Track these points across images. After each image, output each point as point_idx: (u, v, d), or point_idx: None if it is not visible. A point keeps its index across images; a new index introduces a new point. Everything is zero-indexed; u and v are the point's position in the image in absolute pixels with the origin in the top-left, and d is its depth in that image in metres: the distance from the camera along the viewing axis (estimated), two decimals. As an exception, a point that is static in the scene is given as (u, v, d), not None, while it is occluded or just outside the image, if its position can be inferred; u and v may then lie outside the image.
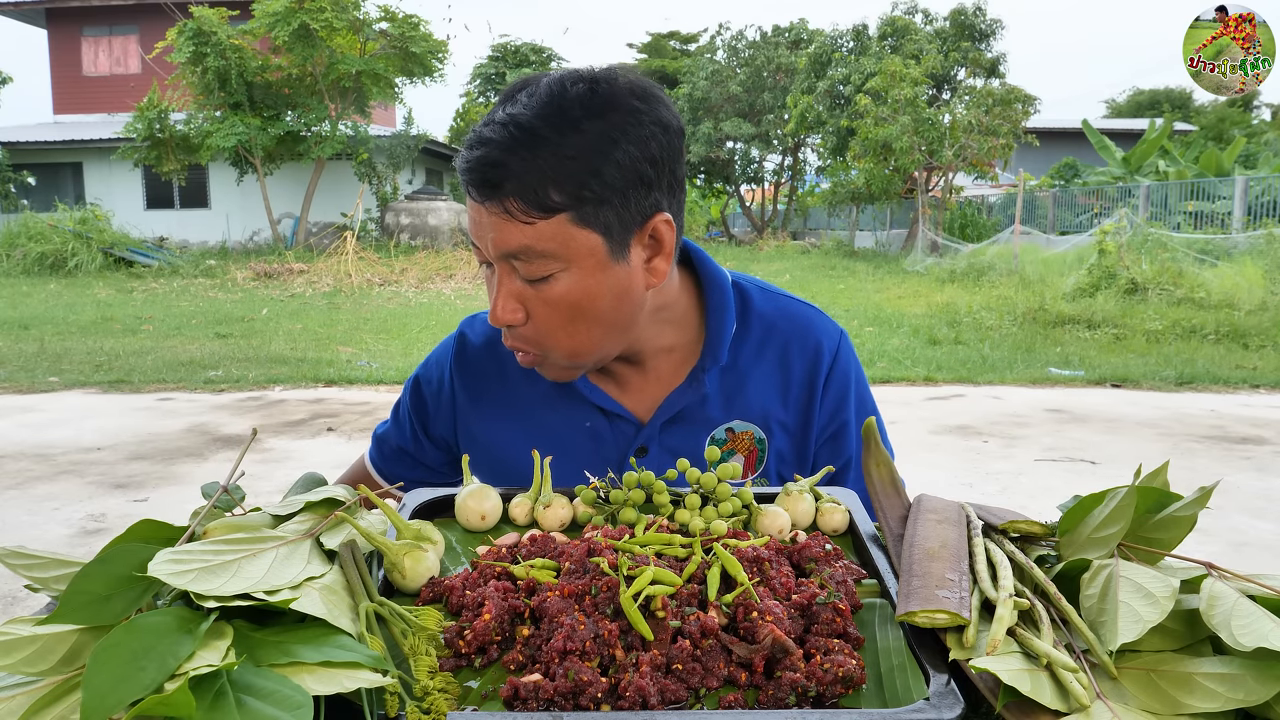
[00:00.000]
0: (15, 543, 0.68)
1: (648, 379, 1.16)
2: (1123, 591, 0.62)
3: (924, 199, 19.72)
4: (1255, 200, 14.99)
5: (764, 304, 1.20)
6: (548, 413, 1.17)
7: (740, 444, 1.16)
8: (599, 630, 0.62)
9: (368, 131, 19.93)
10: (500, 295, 0.99)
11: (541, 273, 0.97)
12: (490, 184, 0.94)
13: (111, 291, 13.90)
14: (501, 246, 0.96)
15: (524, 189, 0.93)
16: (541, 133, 0.94)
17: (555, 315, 1.00)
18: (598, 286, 0.99)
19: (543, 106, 0.95)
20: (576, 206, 0.95)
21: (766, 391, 1.17)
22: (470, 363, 1.23)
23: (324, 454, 5.33)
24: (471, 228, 1.00)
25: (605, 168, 0.95)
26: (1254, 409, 6.51)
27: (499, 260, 0.98)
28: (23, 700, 0.54)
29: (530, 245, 0.95)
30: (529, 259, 0.96)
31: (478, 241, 0.99)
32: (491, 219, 0.96)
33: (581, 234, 0.96)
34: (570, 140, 0.94)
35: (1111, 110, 40.39)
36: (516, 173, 0.93)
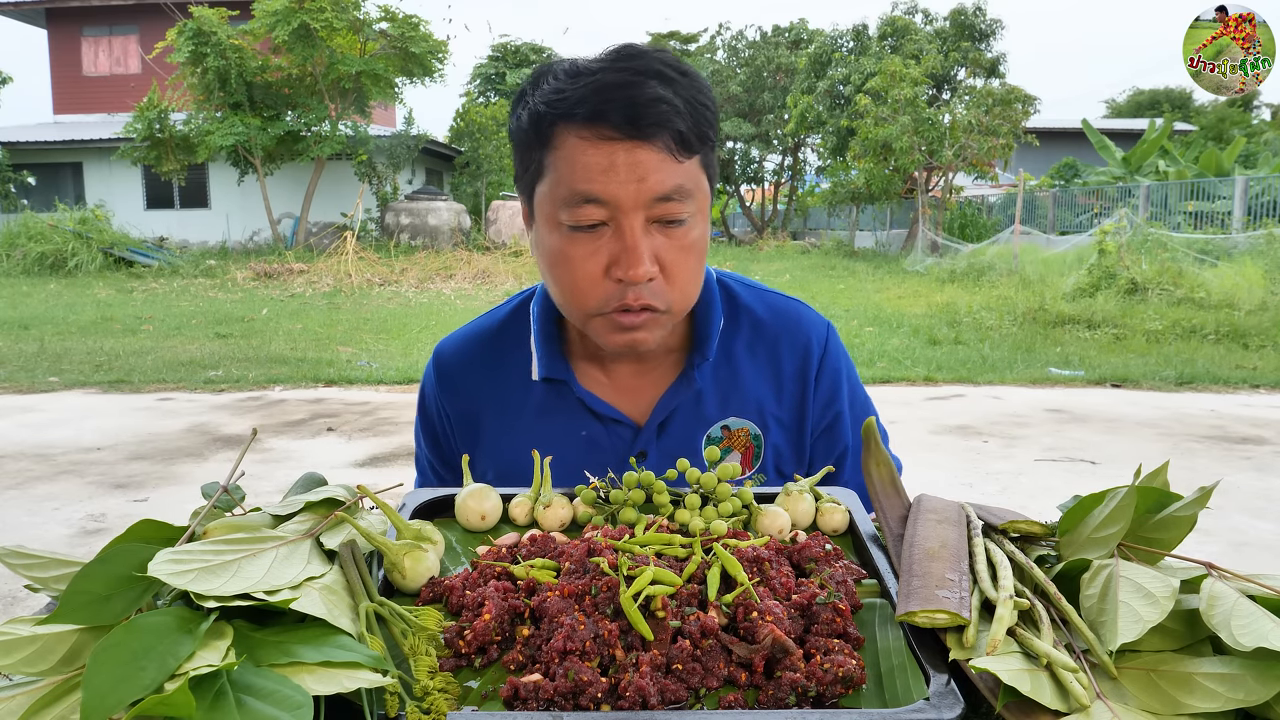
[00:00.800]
0: (15, 543, 0.68)
1: (641, 382, 1.16)
2: (1123, 591, 0.62)
3: (924, 199, 19.72)
4: (1255, 200, 14.99)
5: (751, 300, 1.20)
6: (542, 425, 1.16)
7: (737, 441, 1.16)
8: (599, 630, 0.62)
9: (368, 131, 19.92)
10: (641, 247, 0.96)
11: (683, 214, 0.97)
12: (654, 120, 0.92)
13: (111, 291, 13.90)
14: (659, 188, 0.94)
15: (681, 125, 0.94)
16: (675, 77, 0.95)
17: (687, 262, 1.00)
18: (706, 234, 1.03)
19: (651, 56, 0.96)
20: (703, 150, 0.98)
21: (760, 387, 1.17)
22: (455, 386, 1.22)
23: (324, 454, 5.33)
24: (603, 176, 0.94)
25: (717, 119, 1.00)
26: (1254, 409, 6.51)
27: (642, 207, 0.95)
28: (23, 700, 0.54)
29: (682, 184, 0.96)
30: (680, 198, 0.96)
31: (612, 192, 0.94)
32: (651, 157, 0.93)
33: (703, 179, 1.00)
34: (699, 86, 0.97)
35: (1111, 110, 40.39)
36: (675, 109, 0.93)
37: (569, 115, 0.95)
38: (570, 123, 0.95)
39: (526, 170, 1.03)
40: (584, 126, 0.94)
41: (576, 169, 0.95)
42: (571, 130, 0.95)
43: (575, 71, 0.96)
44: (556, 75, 0.98)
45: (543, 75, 1.00)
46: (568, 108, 0.94)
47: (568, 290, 1.02)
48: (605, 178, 0.94)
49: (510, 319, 1.22)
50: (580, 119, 0.94)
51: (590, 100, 0.93)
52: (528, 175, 1.03)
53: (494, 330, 1.22)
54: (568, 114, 0.95)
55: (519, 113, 1.02)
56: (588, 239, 0.97)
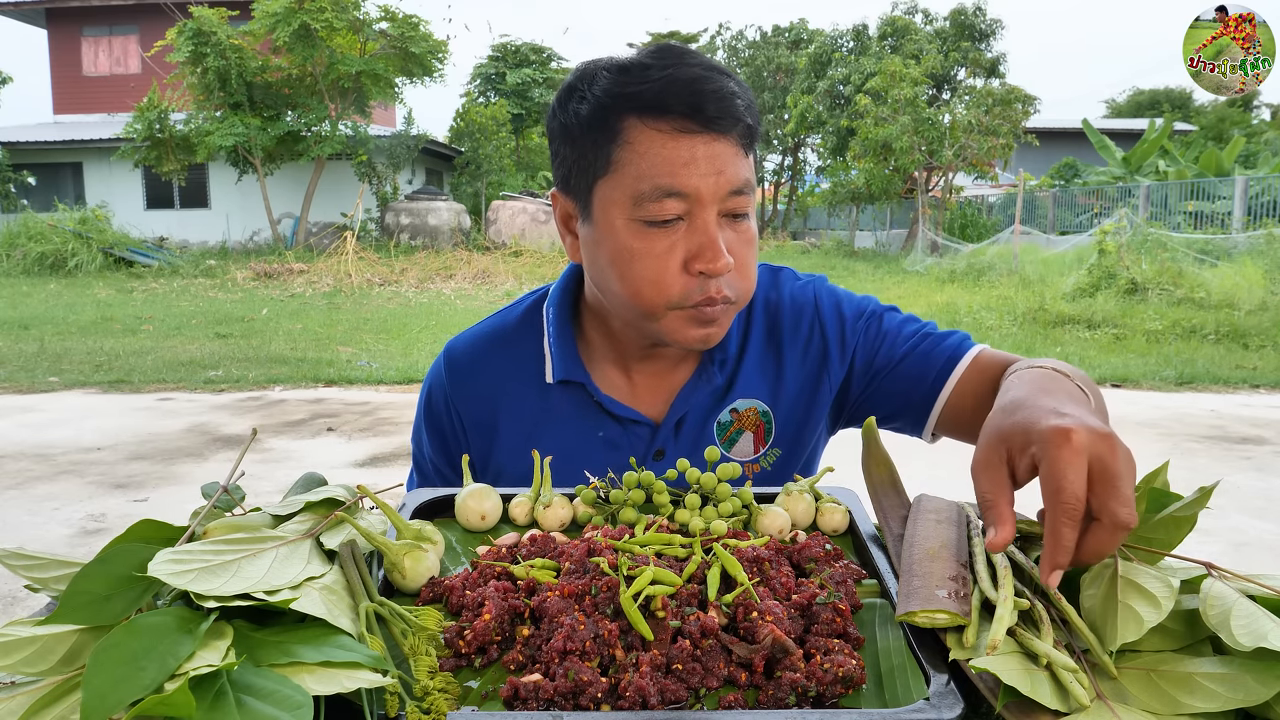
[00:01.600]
0: (15, 543, 0.68)
1: (659, 380, 1.15)
2: (1123, 592, 0.62)
3: (924, 199, 19.73)
4: (1255, 200, 14.99)
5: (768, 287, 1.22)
6: (559, 427, 1.15)
7: (746, 421, 1.15)
8: (599, 630, 0.62)
9: (368, 131, 19.93)
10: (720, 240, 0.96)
11: (747, 208, 0.99)
12: (733, 114, 0.94)
13: (111, 291, 13.90)
14: (734, 180, 0.96)
15: (749, 120, 0.96)
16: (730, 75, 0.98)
17: (751, 255, 1.02)
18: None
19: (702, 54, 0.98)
20: (754, 147, 1.01)
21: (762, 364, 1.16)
22: (467, 386, 1.19)
23: (324, 454, 5.33)
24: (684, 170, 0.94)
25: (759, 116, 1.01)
26: (1254, 409, 6.51)
27: (719, 200, 0.96)
28: (23, 700, 0.54)
29: (749, 178, 0.98)
30: (748, 192, 0.98)
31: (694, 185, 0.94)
32: (727, 150, 0.95)
33: (753, 174, 1.01)
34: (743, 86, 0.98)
35: (1111, 110, 40.39)
36: (745, 104, 0.96)
37: (644, 109, 0.94)
38: (645, 116, 0.94)
39: (584, 166, 1.00)
40: (660, 120, 0.94)
41: (657, 162, 0.94)
42: (646, 123, 0.94)
43: (639, 66, 0.96)
44: (612, 71, 0.97)
45: (595, 72, 0.99)
46: (643, 101, 0.94)
47: (645, 285, 0.98)
48: (687, 171, 0.94)
49: (523, 320, 1.20)
50: (657, 112, 0.94)
51: (667, 93, 0.93)
52: (586, 171, 1.00)
53: (507, 331, 1.20)
54: (642, 108, 0.94)
55: (573, 108, 0.99)
56: (664, 234, 0.96)
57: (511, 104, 25.00)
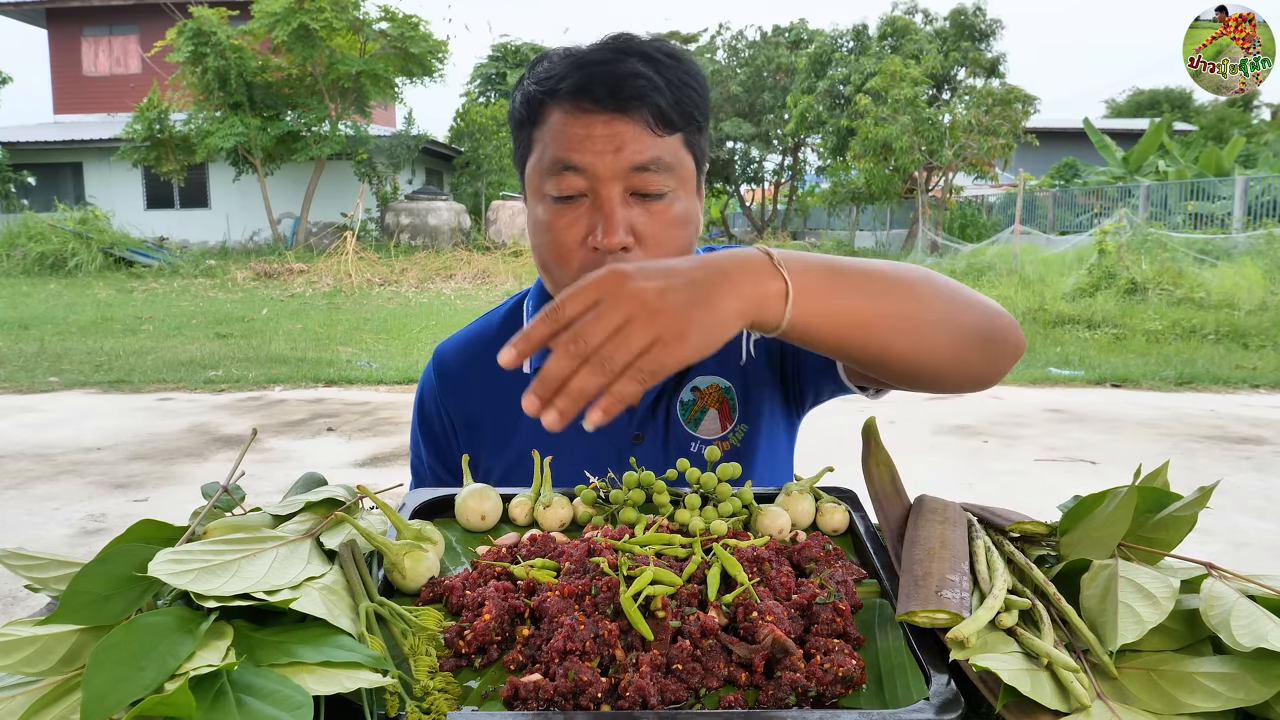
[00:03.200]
0: (15, 543, 0.68)
1: None
2: (1123, 592, 0.62)
3: (924, 199, 19.72)
4: (1255, 200, 14.98)
5: None
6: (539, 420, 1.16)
7: (709, 399, 1.17)
8: (599, 630, 0.62)
9: (368, 131, 19.92)
10: (616, 217, 0.98)
11: (662, 188, 1.00)
12: (632, 94, 0.97)
13: (111, 291, 13.89)
14: (635, 158, 0.97)
15: (661, 101, 0.98)
16: (661, 58, 1.00)
17: (667, 234, 1.01)
18: (694, 212, 1.05)
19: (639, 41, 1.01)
20: (686, 130, 1.01)
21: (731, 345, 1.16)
22: (455, 388, 1.23)
23: (324, 454, 5.33)
24: (581, 146, 0.98)
25: (705, 101, 1.03)
26: (1254, 409, 6.51)
27: (619, 177, 0.98)
28: (23, 700, 0.54)
29: (660, 156, 0.99)
30: (657, 170, 0.99)
31: (589, 162, 0.98)
32: (628, 128, 0.97)
33: (687, 158, 1.03)
34: (685, 69, 1.01)
35: (1111, 110, 40.38)
36: (655, 85, 0.98)
37: (554, 92, 1.00)
38: (556, 99, 1.00)
39: (520, 151, 1.07)
40: (568, 101, 0.99)
41: (559, 140, 0.99)
42: (558, 106, 1.00)
43: (566, 54, 1.02)
44: (550, 59, 1.03)
45: (539, 61, 1.05)
46: (554, 84, 1.00)
47: (550, 258, 1.04)
48: (583, 147, 0.98)
49: (507, 319, 1.24)
50: (564, 94, 0.99)
51: (573, 76, 0.98)
52: (520, 153, 1.07)
53: (492, 331, 1.24)
54: (553, 90, 1.00)
55: (515, 95, 1.07)
56: (568, 209, 1.01)
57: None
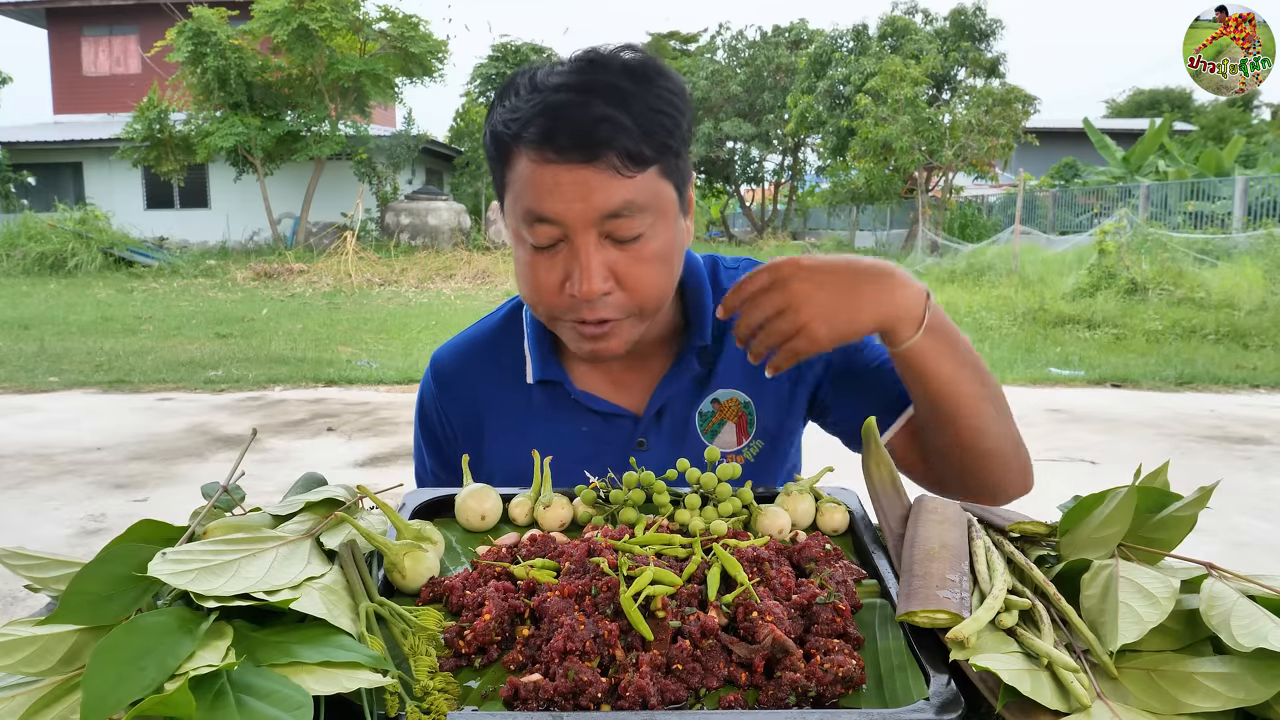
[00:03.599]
0: (15, 543, 0.68)
1: (636, 373, 1.17)
2: (1123, 592, 0.62)
3: (924, 199, 19.72)
4: (1255, 200, 14.98)
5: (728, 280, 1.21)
6: (542, 426, 1.17)
7: (728, 412, 1.17)
8: (599, 630, 0.62)
9: (368, 131, 19.92)
10: (594, 265, 0.96)
11: (637, 230, 0.97)
12: (597, 141, 0.92)
13: (111, 291, 13.89)
14: (604, 206, 0.94)
15: (628, 141, 0.93)
16: (627, 88, 0.94)
17: (647, 273, 0.99)
18: (675, 239, 1.03)
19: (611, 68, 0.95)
20: (662, 159, 0.97)
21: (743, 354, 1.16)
22: (454, 392, 1.23)
23: (324, 454, 5.33)
24: (549, 196, 0.95)
25: (681, 122, 0.98)
26: (1254, 409, 6.51)
27: (593, 225, 0.95)
28: (23, 700, 0.54)
29: (632, 199, 0.95)
30: (630, 214, 0.95)
31: (559, 212, 0.95)
32: (595, 177, 0.93)
33: (664, 186, 0.99)
34: (653, 95, 0.96)
35: (1111, 110, 40.38)
36: (620, 126, 0.93)
37: (519, 137, 0.96)
38: (521, 144, 0.96)
39: (495, 181, 1.05)
40: (532, 149, 0.95)
41: (529, 189, 0.96)
42: (523, 152, 0.96)
43: (531, 87, 0.96)
44: (517, 90, 0.98)
45: (508, 89, 1.00)
46: (519, 129, 0.95)
47: (531, 300, 1.04)
48: (552, 198, 0.94)
49: (504, 324, 1.24)
50: (528, 141, 0.95)
51: (536, 123, 0.94)
52: (496, 185, 1.05)
53: (489, 336, 1.24)
54: (518, 135, 0.96)
55: (486, 126, 1.03)
56: (547, 255, 0.99)
57: (512, 104, 24.98)
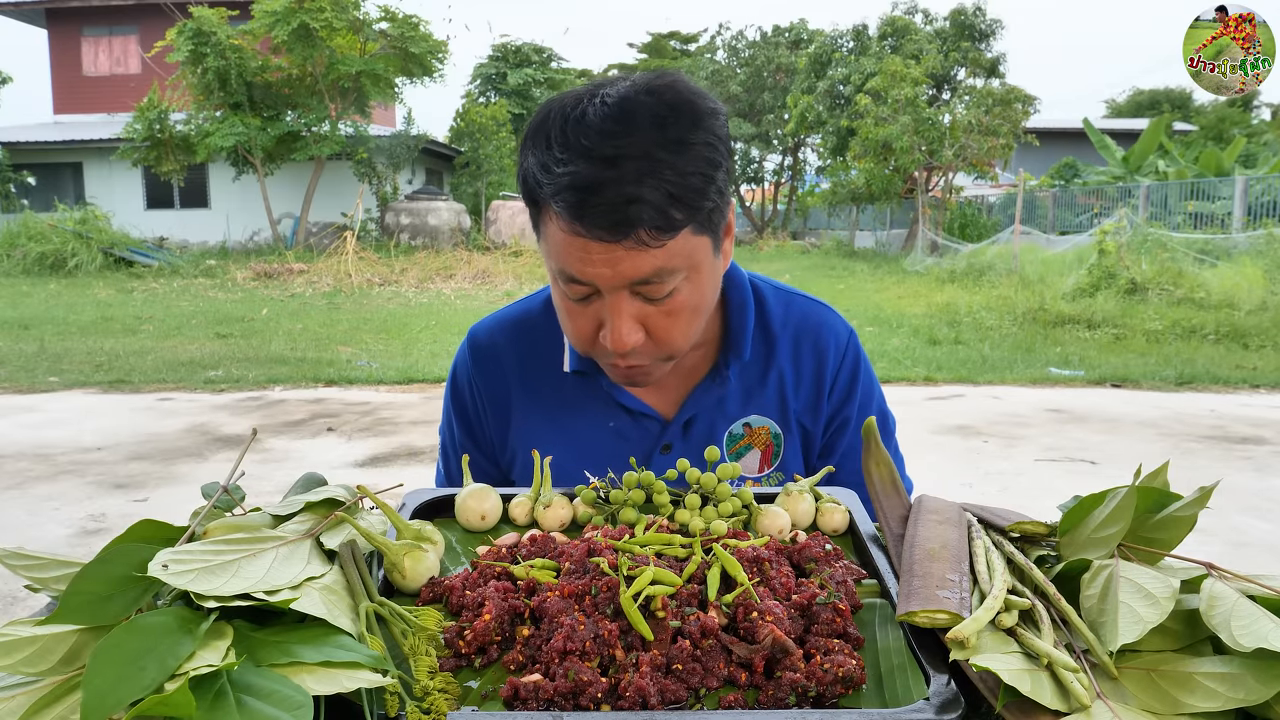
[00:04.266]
0: (15, 543, 0.68)
1: (671, 377, 1.18)
2: (1123, 592, 0.62)
3: (924, 199, 19.72)
4: (1255, 200, 14.98)
5: (777, 303, 1.22)
6: (571, 415, 1.19)
7: (757, 439, 1.19)
8: (599, 630, 0.62)
9: (368, 131, 19.92)
10: (623, 322, 0.97)
11: (668, 290, 0.97)
12: (625, 222, 0.91)
13: (111, 291, 13.89)
14: (633, 275, 0.94)
15: (657, 216, 0.91)
16: (658, 155, 0.92)
17: (679, 323, 1.01)
18: (708, 283, 1.03)
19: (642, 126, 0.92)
20: (695, 219, 0.96)
21: (782, 387, 1.20)
22: (488, 370, 1.24)
23: (324, 454, 5.33)
24: (580, 262, 0.95)
25: (716, 177, 0.96)
26: (1254, 409, 6.51)
27: (623, 287, 0.96)
28: (23, 700, 0.54)
29: (662, 266, 0.95)
30: (660, 280, 0.96)
31: (590, 276, 0.95)
32: (625, 253, 0.93)
33: (697, 240, 0.98)
34: (685, 158, 0.93)
35: (1111, 110, 40.37)
36: (649, 202, 0.91)
37: (550, 200, 0.94)
38: (551, 209, 0.95)
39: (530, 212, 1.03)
40: (563, 220, 0.93)
41: (560, 251, 0.96)
42: (553, 214, 0.95)
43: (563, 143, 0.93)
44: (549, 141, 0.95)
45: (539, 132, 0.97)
46: (551, 192, 0.94)
47: (570, 335, 1.05)
48: (582, 264, 0.95)
49: (545, 308, 1.24)
50: (558, 211, 0.93)
51: (565, 197, 0.92)
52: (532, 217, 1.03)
53: (529, 318, 1.24)
54: (549, 199, 0.94)
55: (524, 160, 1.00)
56: (580, 304, 1.00)
57: (512, 104, 25.01)
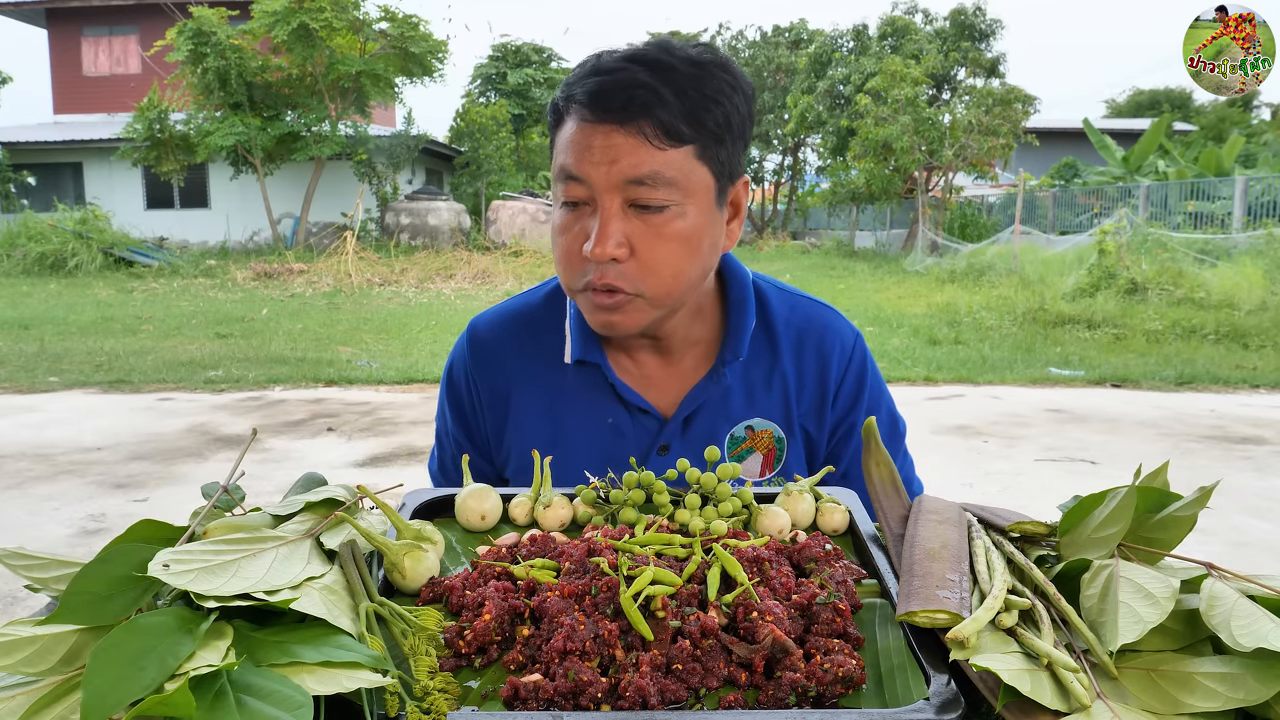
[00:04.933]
0: (15, 543, 0.68)
1: (671, 374, 1.17)
2: (1123, 592, 0.62)
3: (924, 199, 19.72)
4: (1255, 200, 14.98)
5: (781, 305, 1.21)
6: (570, 410, 1.17)
7: (759, 442, 1.17)
8: (599, 630, 0.62)
9: (367, 131, 19.92)
10: (610, 228, 0.98)
11: (662, 201, 0.99)
12: (634, 105, 0.96)
13: (111, 291, 13.89)
14: (631, 171, 0.97)
15: (664, 113, 0.96)
16: (678, 66, 0.98)
17: (664, 249, 1.00)
18: (704, 227, 1.03)
19: (671, 49, 0.99)
20: (700, 141, 0.99)
21: (786, 391, 1.18)
22: (488, 361, 1.22)
23: (324, 454, 5.33)
24: (581, 156, 0.98)
25: (729, 110, 1.00)
26: (1254, 409, 6.50)
27: (617, 189, 0.98)
28: (23, 700, 0.54)
29: (659, 171, 0.97)
30: (655, 185, 0.97)
31: (587, 171, 0.98)
32: (625, 141, 0.96)
33: (700, 170, 1.00)
34: (705, 79, 0.99)
35: (1111, 110, 40.37)
36: (660, 97, 0.96)
37: (569, 99, 1.01)
38: (570, 106, 1.01)
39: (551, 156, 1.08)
40: (576, 109, 1.00)
41: (566, 148, 1.00)
42: (571, 113, 1.01)
43: (593, 60, 1.02)
44: (582, 64, 1.03)
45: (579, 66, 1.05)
46: (569, 90, 1.01)
47: (559, 261, 1.06)
48: (584, 157, 0.98)
49: (546, 301, 1.23)
50: (575, 101, 1.00)
51: (584, 84, 0.99)
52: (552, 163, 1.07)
53: (530, 311, 1.24)
54: (568, 98, 1.01)
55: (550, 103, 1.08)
56: (574, 216, 1.02)
57: (512, 104, 25.00)
